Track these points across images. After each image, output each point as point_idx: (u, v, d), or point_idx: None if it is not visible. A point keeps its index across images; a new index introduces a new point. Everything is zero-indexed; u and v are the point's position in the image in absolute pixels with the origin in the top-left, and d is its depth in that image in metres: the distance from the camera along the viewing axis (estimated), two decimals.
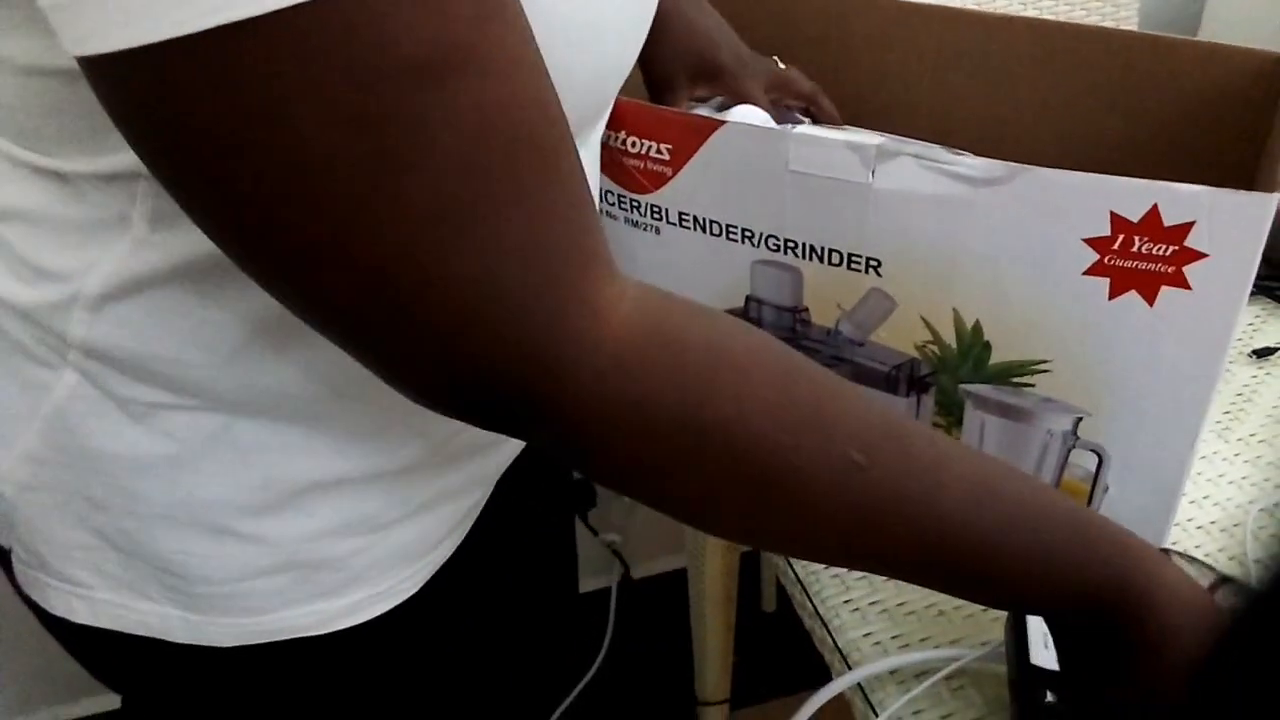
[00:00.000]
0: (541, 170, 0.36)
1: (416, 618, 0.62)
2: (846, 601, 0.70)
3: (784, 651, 1.51)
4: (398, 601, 0.58)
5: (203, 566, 0.51)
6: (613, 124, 0.62)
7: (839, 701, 0.65)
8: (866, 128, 0.75)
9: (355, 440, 0.51)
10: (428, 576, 0.60)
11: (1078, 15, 1.17)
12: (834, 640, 0.68)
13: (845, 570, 0.72)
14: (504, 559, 0.75)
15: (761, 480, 0.41)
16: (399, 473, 0.54)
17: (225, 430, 0.48)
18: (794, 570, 0.73)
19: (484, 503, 0.65)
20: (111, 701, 0.67)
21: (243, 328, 0.45)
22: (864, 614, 0.69)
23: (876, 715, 0.63)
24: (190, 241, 0.42)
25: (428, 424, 0.53)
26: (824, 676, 0.67)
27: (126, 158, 0.38)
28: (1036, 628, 0.59)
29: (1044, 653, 0.58)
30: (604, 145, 0.64)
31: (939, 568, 0.45)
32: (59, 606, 0.53)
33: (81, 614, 0.53)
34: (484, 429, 0.42)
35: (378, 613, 0.57)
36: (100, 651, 0.57)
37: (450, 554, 0.62)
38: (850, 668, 0.65)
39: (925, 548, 0.43)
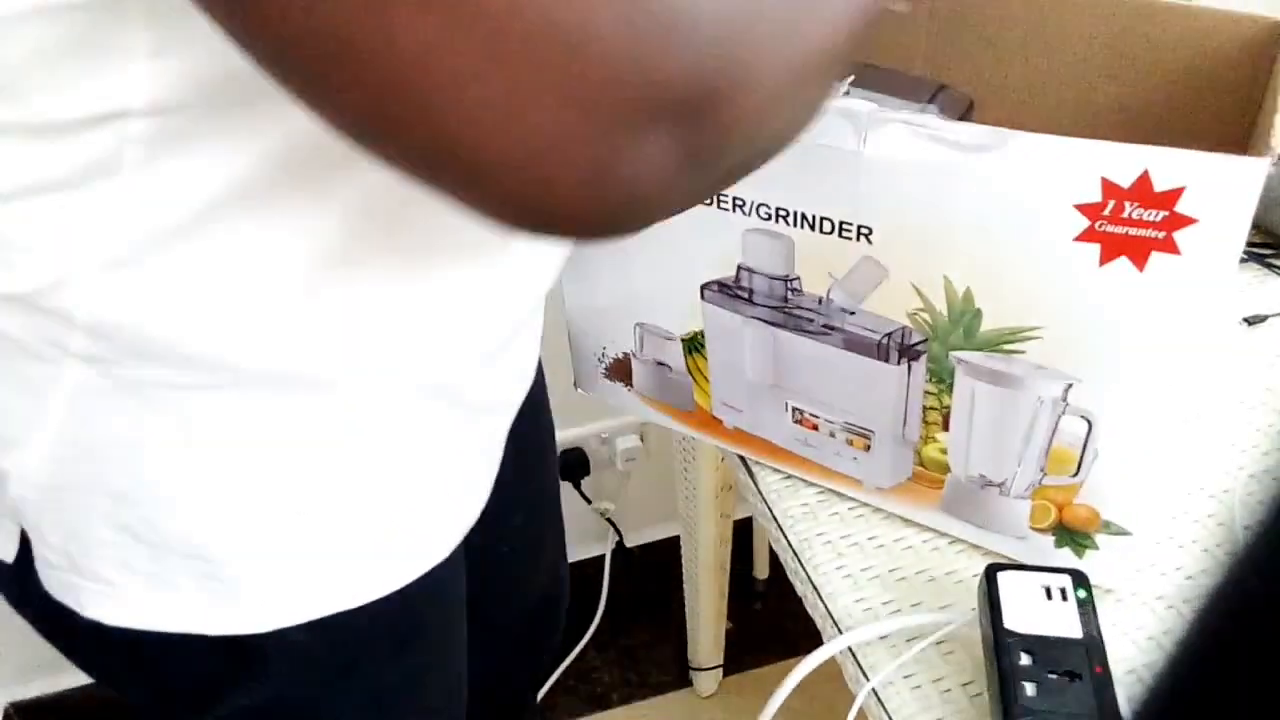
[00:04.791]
0: None
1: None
2: (839, 568, 0.70)
3: (777, 618, 1.52)
4: (433, 564, 0.58)
5: (237, 546, 0.50)
6: None
7: (831, 666, 0.66)
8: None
9: (373, 403, 0.50)
10: (459, 539, 0.60)
11: None
12: (826, 606, 0.68)
13: (838, 537, 0.72)
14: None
15: None
16: (419, 433, 0.54)
17: (239, 408, 0.47)
18: (787, 538, 0.73)
19: (496, 468, 0.65)
20: None
21: (250, 289, 0.44)
22: (856, 580, 0.69)
23: (868, 679, 0.63)
24: (187, 189, 0.40)
25: (437, 379, 0.52)
26: (816, 642, 0.68)
27: (112, 94, 0.36)
28: (1009, 591, 0.60)
29: (1017, 616, 0.58)
30: None
31: None
32: (92, 608, 0.52)
33: (111, 614, 0.52)
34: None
35: (414, 577, 0.57)
36: (126, 655, 0.56)
37: (476, 516, 0.62)
38: (842, 633, 0.66)
39: None
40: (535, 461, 0.81)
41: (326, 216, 0.43)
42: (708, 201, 0.63)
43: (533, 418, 0.76)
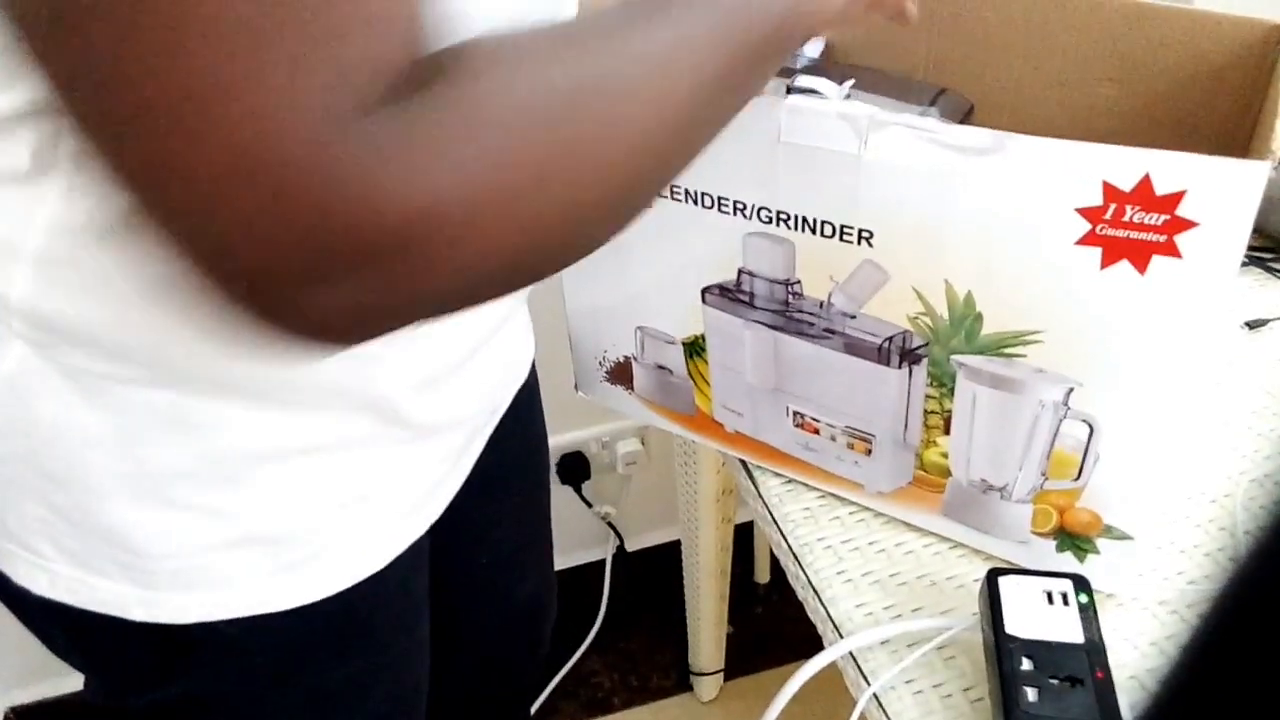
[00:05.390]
0: None
1: (389, 582, 0.62)
2: (840, 572, 0.70)
3: (777, 622, 1.52)
4: (371, 572, 0.58)
5: (160, 541, 0.51)
6: None
7: (832, 671, 0.66)
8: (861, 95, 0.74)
9: (303, 413, 0.51)
10: (402, 548, 0.60)
11: None
12: (826, 610, 0.68)
13: (839, 542, 0.72)
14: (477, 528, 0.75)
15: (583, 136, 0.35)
16: (352, 446, 0.54)
17: (173, 406, 0.48)
18: (787, 542, 0.73)
19: (461, 478, 0.65)
20: None
21: (180, 292, 0.44)
22: (856, 584, 0.69)
23: (869, 684, 0.63)
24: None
25: (371, 396, 0.52)
26: (817, 646, 0.67)
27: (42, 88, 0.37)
28: (1010, 596, 0.59)
29: (1018, 621, 0.58)
30: None
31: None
32: (23, 576, 0.53)
33: (42, 586, 0.53)
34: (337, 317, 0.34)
35: (349, 584, 0.57)
36: (62, 627, 0.57)
37: (426, 527, 0.62)
38: (842, 637, 0.66)
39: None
40: (521, 473, 0.80)
41: None
42: (709, 205, 0.63)
43: (520, 429, 0.75)
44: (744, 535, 1.47)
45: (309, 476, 0.53)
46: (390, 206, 0.31)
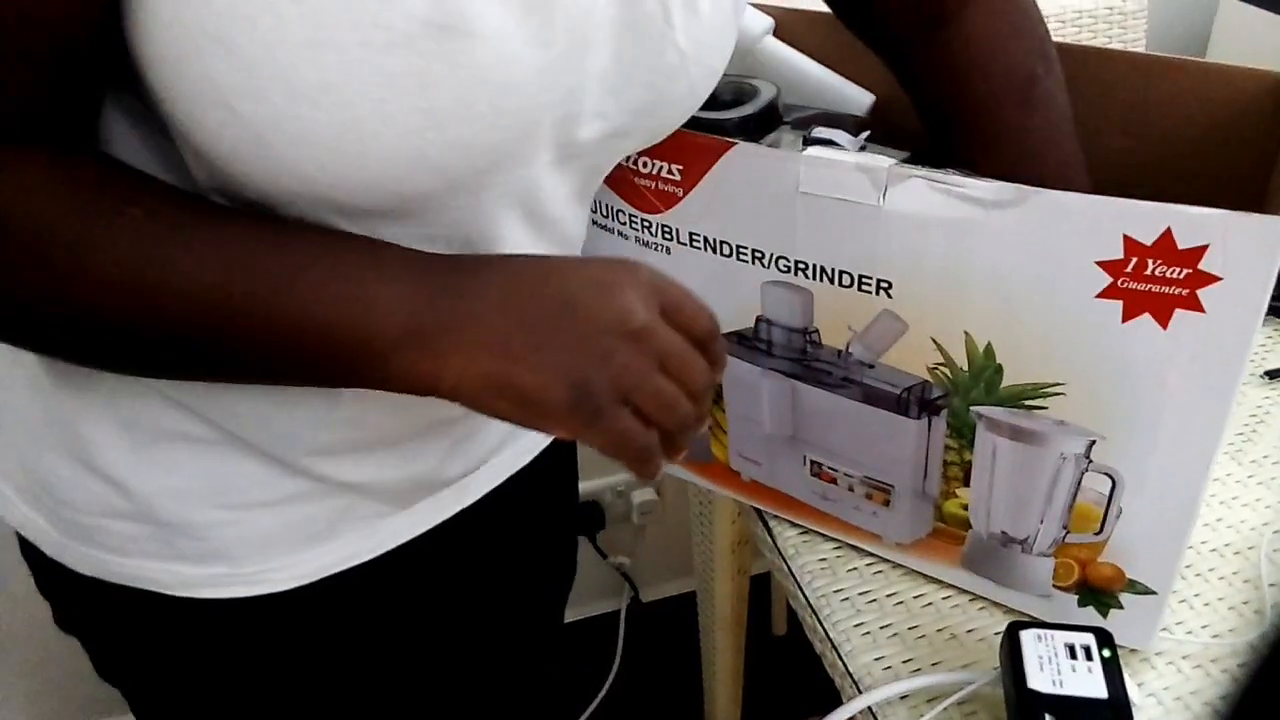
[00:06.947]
0: None
1: (371, 612, 0.63)
2: (858, 625, 0.69)
3: (794, 676, 1.50)
4: (269, 590, 0.58)
5: (67, 492, 0.54)
6: None
7: None
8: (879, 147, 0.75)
9: (221, 406, 0.52)
10: (313, 577, 0.60)
11: (1085, 37, 1.17)
12: (845, 664, 0.67)
13: (856, 593, 0.71)
14: (486, 583, 0.75)
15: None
16: (264, 451, 0.54)
17: (93, 371, 0.50)
18: (804, 594, 0.72)
19: (411, 529, 0.64)
20: None
21: None
22: (875, 638, 0.68)
23: None
24: None
25: (296, 406, 0.53)
26: (835, 701, 0.66)
27: None
28: (1032, 650, 0.59)
29: (1040, 675, 0.57)
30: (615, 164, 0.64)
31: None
32: None
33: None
34: None
35: (243, 594, 0.58)
36: (33, 564, 0.61)
37: (354, 564, 0.61)
38: (861, 692, 0.65)
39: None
40: (532, 536, 0.78)
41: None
42: (727, 253, 0.63)
43: (538, 493, 0.74)
44: (760, 586, 1.46)
45: (215, 468, 0.54)
46: None
